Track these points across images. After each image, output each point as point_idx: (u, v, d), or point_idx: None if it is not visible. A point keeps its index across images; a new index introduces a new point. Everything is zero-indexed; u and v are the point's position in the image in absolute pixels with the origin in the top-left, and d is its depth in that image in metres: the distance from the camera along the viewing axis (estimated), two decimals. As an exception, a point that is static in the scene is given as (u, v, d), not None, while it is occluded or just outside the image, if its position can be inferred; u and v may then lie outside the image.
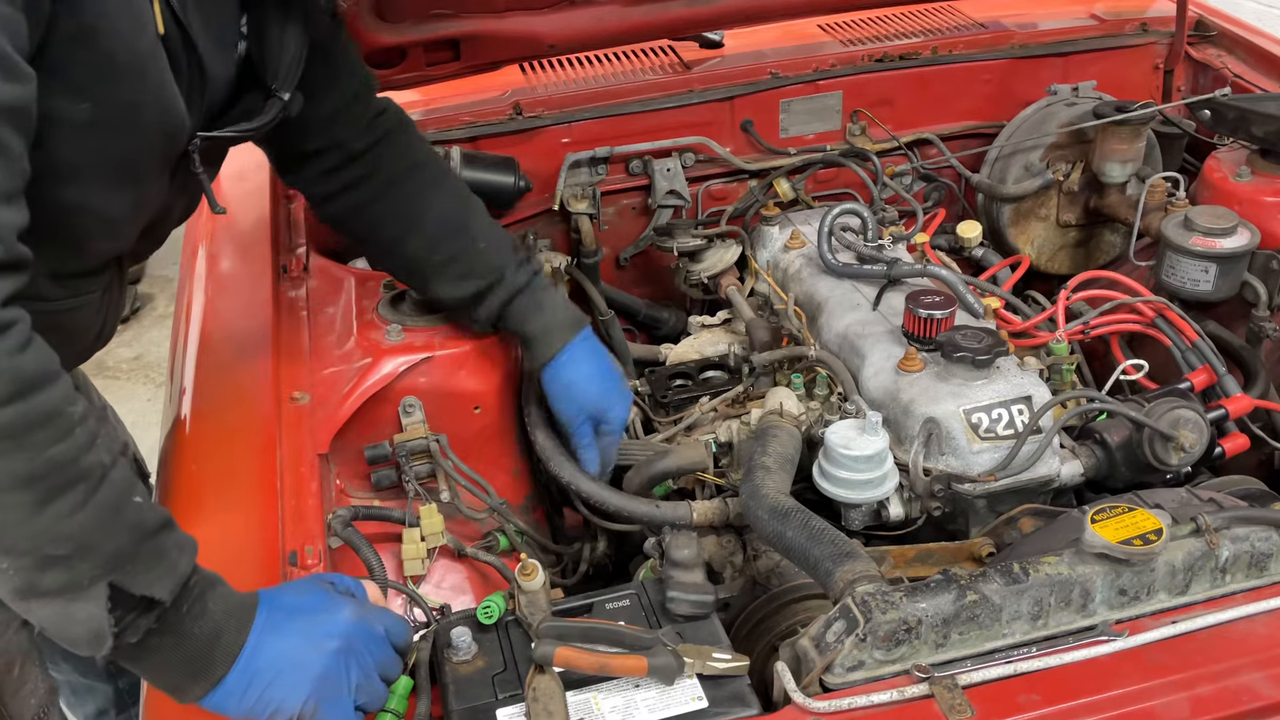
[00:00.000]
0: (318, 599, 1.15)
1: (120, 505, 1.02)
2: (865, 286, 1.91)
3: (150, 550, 1.03)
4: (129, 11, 1.13)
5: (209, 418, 1.56)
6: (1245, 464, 1.81)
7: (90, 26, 1.08)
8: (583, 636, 1.17)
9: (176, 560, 1.05)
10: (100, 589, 0.99)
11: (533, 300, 1.65)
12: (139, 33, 1.14)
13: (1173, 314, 1.86)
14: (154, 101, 1.20)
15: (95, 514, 0.99)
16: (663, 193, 2.29)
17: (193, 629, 1.06)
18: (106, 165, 1.21)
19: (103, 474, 1.01)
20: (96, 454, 1.00)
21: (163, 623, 1.04)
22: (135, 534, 1.02)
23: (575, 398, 1.66)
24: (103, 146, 1.18)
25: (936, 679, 1.08)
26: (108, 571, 0.99)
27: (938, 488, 1.58)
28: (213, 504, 1.42)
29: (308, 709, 1.08)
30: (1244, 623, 1.15)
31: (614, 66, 2.44)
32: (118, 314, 1.51)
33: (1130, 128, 2.12)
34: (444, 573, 1.55)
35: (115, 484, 1.02)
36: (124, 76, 1.15)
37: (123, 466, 1.04)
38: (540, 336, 1.66)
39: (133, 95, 1.17)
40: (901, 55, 2.40)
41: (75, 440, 0.98)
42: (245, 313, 1.74)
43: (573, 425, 1.66)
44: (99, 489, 1.00)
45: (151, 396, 3.91)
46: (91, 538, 0.99)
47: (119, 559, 1.00)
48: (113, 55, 1.12)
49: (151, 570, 1.02)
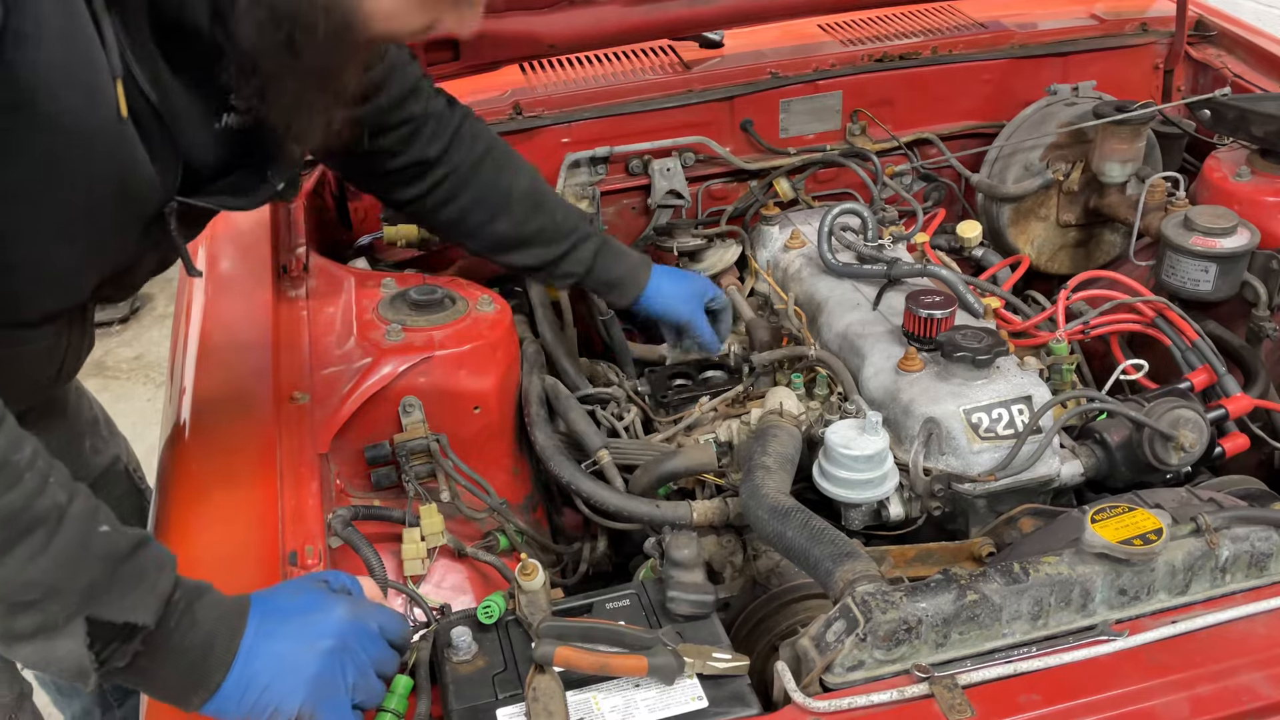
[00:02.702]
0: (310, 600, 1.14)
1: (85, 540, 1.00)
2: (865, 286, 1.92)
3: (126, 575, 1.02)
4: (80, 88, 1.08)
5: (209, 418, 1.56)
6: (1245, 464, 1.81)
7: (28, 99, 1.04)
8: (583, 636, 1.17)
9: (156, 580, 1.04)
10: (77, 625, 0.99)
11: (612, 248, 1.86)
12: (89, 109, 1.09)
13: (1173, 314, 1.86)
14: (106, 172, 1.16)
15: (58, 555, 0.98)
16: (662, 192, 2.29)
17: (183, 642, 1.05)
18: (44, 227, 1.17)
19: (60, 515, 0.99)
20: (50, 496, 0.99)
21: (151, 643, 1.03)
22: (107, 563, 1.01)
23: (680, 299, 1.91)
24: (39, 209, 1.14)
25: (936, 679, 1.08)
26: (82, 607, 0.99)
27: (938, 487, 1.58)
28: (213, 504, 1.42)
29: (305, 711, 1.07)
30: (1244, 623, 1.15)
31: (614, 66, 2.44)
32: (79, 356, 1.49)
33: (1130, 128, 2.12)
34: (444, 573, 1.55)
35: (76, 520, 1.00)
36: (71, 147, 1.10)
37: (83, 499, 1.02)
38: (629, 275, 1.88)
39: (79, 165, 1.13)
40: (901, 55, 2.40)
41: (25, 487, 0.97)
42: (245, 313, 1.73)
43: (690, 318, 1.91)
44: (59, 530, 0.99)
45: (151, 396, 3.91)
46: (59, 579, 0.98)
47: (92, 592, 1.00)
48: (54, 126, 1.08)
49: (129, 595, 1.02)
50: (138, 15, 1.12)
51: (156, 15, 1.14)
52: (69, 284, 1.31)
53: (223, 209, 1.36)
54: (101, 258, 1.31)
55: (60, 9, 1.04)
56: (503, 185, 1.75)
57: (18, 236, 1.16)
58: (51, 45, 1.04)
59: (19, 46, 1.02)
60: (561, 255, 1.81)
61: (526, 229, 1.78)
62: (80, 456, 1.75)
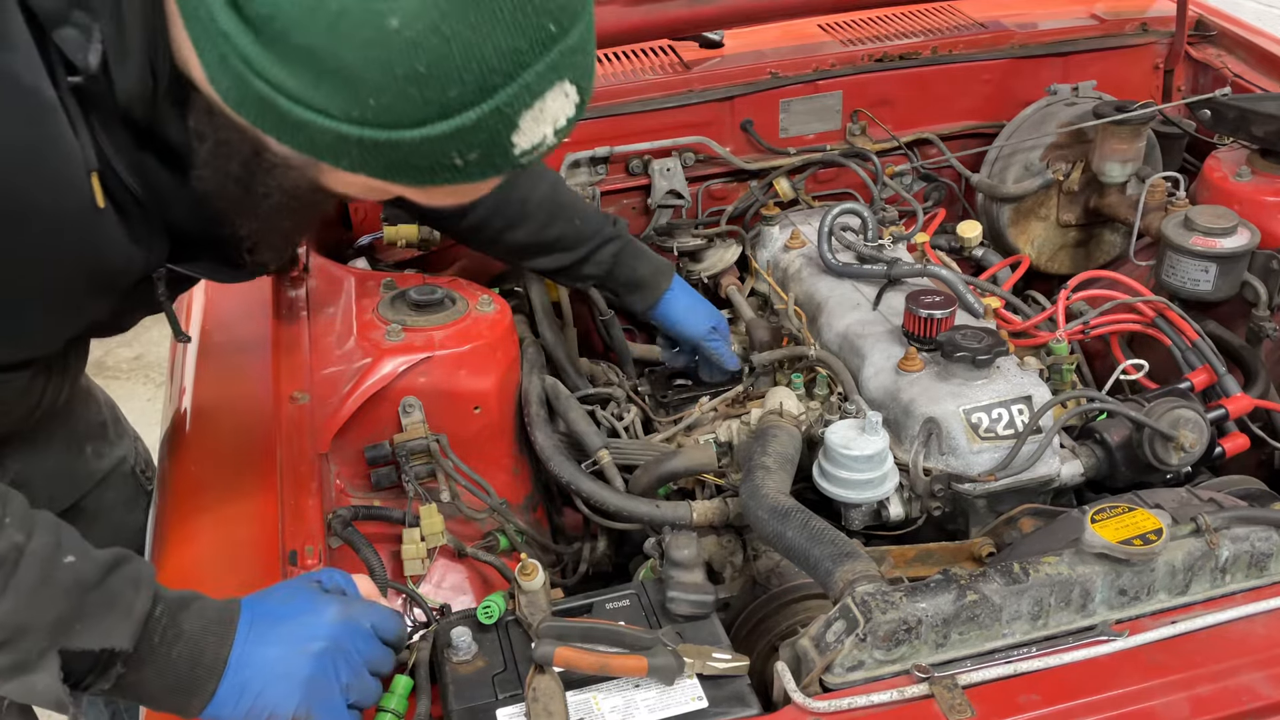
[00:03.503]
0: (301, 602, 1.14)
1: (48, 575, 1.00)
2: (865, 286, 1.92)
3: (97, 602, 1.02)
4: (43, 183, 1.06)
5: (209, 418, 1.56)
6: (1245, 464, 1.81)
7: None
8: (583, 636, 1.17)
9: (132, 601, 1.04)
10: (51, 660, 0.99)
11: (634, 249, 1.89)
12: (56, 204, 1.08)
13: (1173, 314, 1.86)
14: (78, 257, 1.14)
15: (19, 596, 0.98)
16: (662, 193, 2.29)
17: (168, 655, 1.05)
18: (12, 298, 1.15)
19: (17, 556, 0.99)
20: (6, 537, 0.99)
21: (133, 663, 1.04)
22: (74, 594, 1.01)
23: (697, 316, 1.95)
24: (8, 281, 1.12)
25: (936, 679, 1.08)
26: (54, 641, 0.99)
27: (938, 488, 1.58)
28: (213, 504, 1.42)
29: (300, 713, 1.08)
30: (1244, 623, 1.15)
31: (614, 66, 2.44)
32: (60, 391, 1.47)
33: (1130, 128, 2.12)
34: (444, 573, 1.55)
35: (36, 558, 1.00)
36: (35, 237, 1.08)
37: (42, 533, 1.02)
38: (650, 279, 1.91)
39: (49, 253, 1.11)
40: (901, 55, 2.40)
41: None
42: (245, 313, 1.73)
43: (704, 337, 1.95)
44: (16, 571, 0.99)
45: (151, 396, 3.91)
46: (23, 618, 0.98)
47: (62, 625, 1.00)
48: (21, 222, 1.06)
49: (103, 621, 1.02)
50: (112, 118, 1.10)
51: (130, 123, 1.12)
52: (41, 341, 1.30)
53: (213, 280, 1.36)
54: (76, 319, 1.30)
55: (22, 113, 1.03)
56: (517, 196, 1.77)
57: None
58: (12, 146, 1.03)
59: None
60: (582, 259, 1.84)
61: (545, 236, 1.81)
62: (79, 461, 1.75)
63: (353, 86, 0.93)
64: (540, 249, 1.83)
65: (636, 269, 1.89)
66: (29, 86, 1.02)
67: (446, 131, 0.96)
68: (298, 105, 0.95)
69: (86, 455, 1.76)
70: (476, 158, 0.99)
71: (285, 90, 0.95)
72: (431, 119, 0.95)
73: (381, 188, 1.06)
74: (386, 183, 1.03)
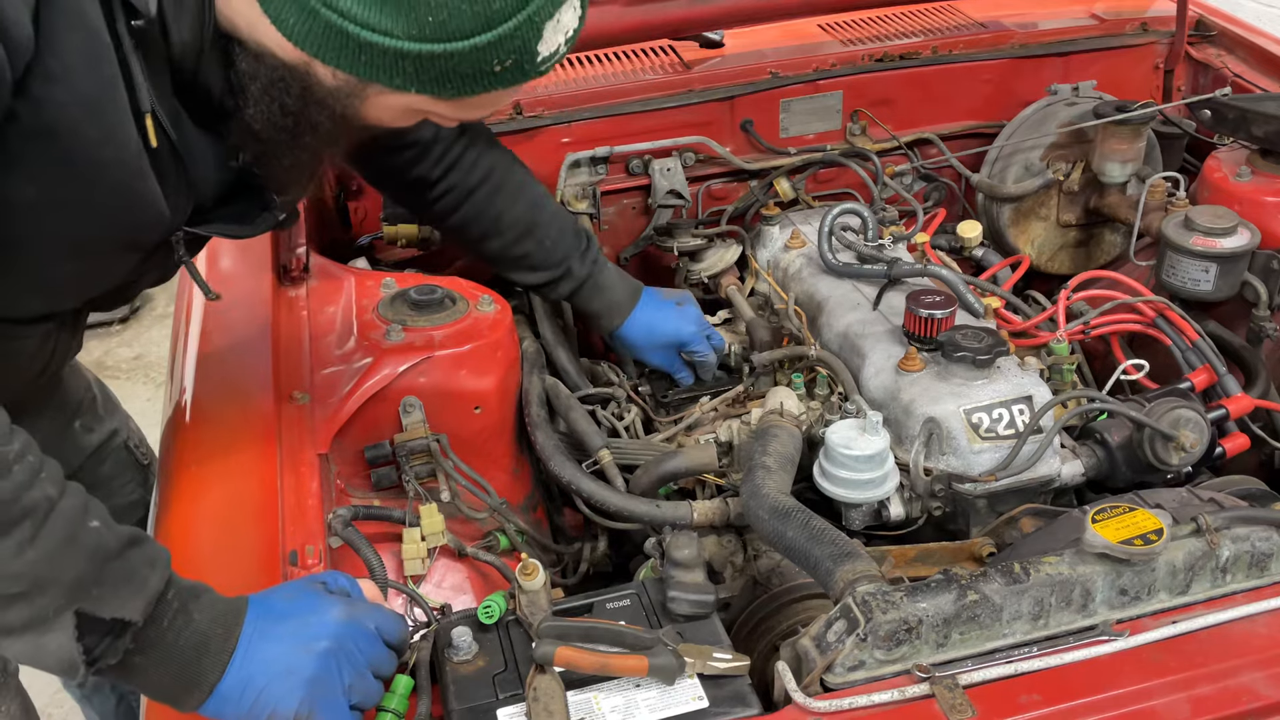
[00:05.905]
0: (307, 601, 1.15)
1: (74, 535, 1.02)
2: (865, 286, 1.92)
3: (115, 572, 1.03)
4: (99, 122, 1.13)
5: (209, 417, 1.56)
6: (1246, 464, 1.81)
7: (49, 127, 1.10)
8: (583, 636, 1.17)
9: (147, 577, 1.05)
10: (66, 619, 1.00)
11: (594, 285, 1.94)
12: (104, 142, 1.15)
13: (1173, 314, 1.86)
14: (115, 203, 1.21)
15: (46, 548, 0.99)
16: (663, 192, 2.29)
17: (176, 641, 1.06)
18: (48, 241, 1.22)
19: (49, 508, 1.01)
20: (40, 489, 1.01)
21: (142, 641, 1.04)
22: (95, 559, 1.02)
23: (644, 350, 1.99)
24: (44, 226, 1.20)
25: (937, 679, 1.08)
26: (71, 601, 1.00)
27: (938, 488, 1.58)
28: (213, 504, 1.42)
29: (302, 712, 1.08)
30: (1244, 623, 1.15)
31: (614, 66, 2.44)
32: (66, 355, 1.54)
33: (1130, 128, 2.12)
34: (444, 572, 1.54)
35: (65, 514, 1.02)
36: (81, 176, 1.16)
37: (73, 495, 1.04)
38: (604, 313, 1.97)
39: (88, 193, 1.18)
40: (901, 55, 2.40)
41: (14, 479, 0.99)
42: (245, 313, 1.73)
43: (666, 366, 2.00)
44: (46, 523, 1.00)
45: (151, 396, 3.91)
46: (46, 571, 0.99)
47: (81, 587, 1.01)
48: (71, 155, 1.14)
49: (119, 592, 1.03)
50: (160, 65, 1.18)
51: (176, 71, 1.21)
52: (66, 293, 1.37)
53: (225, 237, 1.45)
54: (102, 274, 1.36)
55: (87, 51, 1.10)
56: (492, 211, 1.86)
57: (20, 245, 1.20)
58: (76, 84, 1.10)
59: (46, 83, 1.08)
60: (545, 283, 1.94)
61: (514, 252, 1.89)
62: (69, 434, 1.78)
63: (414, 6, 1.09)
64: (510, 263, 1.92)
65: (591, 303, 1.96)
66: (94, 26, 1.10)
67: (490, 40, 1.12)
68: (364, 29, 1.11)
69: (75, 429, 1.79)
70: (511, 64, 1.16)
71: (352, 16, 1.10)
72: (479, 30, 1.12)
73: (420, 107, 1.23)
74: (431, 97, 1.18)
